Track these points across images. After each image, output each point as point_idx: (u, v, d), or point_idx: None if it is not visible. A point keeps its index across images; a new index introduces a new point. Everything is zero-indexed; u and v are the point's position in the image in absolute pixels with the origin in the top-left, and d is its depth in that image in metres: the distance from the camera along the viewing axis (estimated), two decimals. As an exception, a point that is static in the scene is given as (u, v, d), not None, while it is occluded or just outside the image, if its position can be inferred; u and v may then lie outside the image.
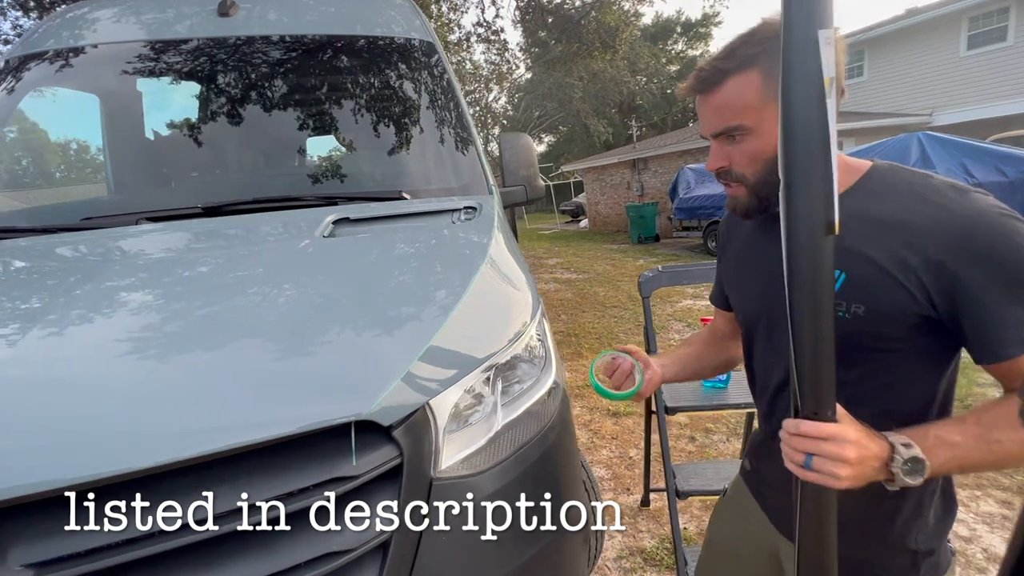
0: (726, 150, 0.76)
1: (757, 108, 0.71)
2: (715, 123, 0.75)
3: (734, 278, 0.93)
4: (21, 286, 1.08)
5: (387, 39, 2.01)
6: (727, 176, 0.78)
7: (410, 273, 1.14)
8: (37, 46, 1.91)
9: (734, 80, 0.71)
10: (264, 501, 0.72)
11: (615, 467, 2.71)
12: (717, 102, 0.74)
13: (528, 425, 1.02)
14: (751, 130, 0.72)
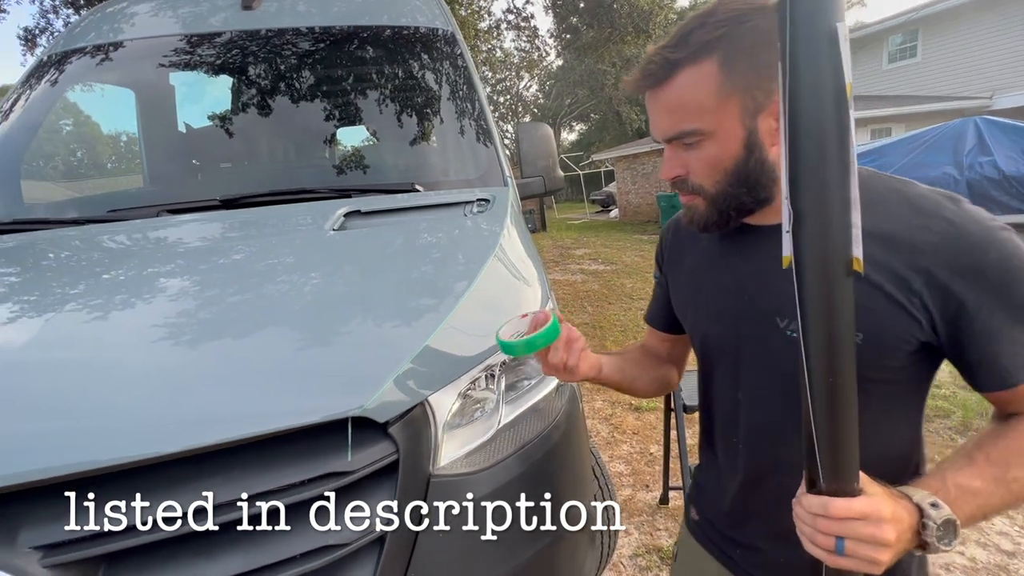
0: (681, 157, 0.66)
1: (714, 108, 0.61)
2: (665, 126, 0.65)
3: (688, 297, 0.81)
4: (48, 276, 1.12)
5: (411, 29, 2.00)
6: (683, 186, 0.68)
7: (415, 267, 1.13)
8: (77, 41, 1.98)
9: (687, 73, 0.60)
10: (260, 494, 0.73)
11: (635, 463, 2.67)
12: (668, 100, 0.63)
13: (532, 423, 1.00)
14: (709, 134, 0.62)
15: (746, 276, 0.70)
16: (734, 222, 0.68)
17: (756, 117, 0.61)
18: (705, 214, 0.68)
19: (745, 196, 0.64)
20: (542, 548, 0.93)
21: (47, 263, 1.20)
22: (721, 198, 0.66)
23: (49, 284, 1.07)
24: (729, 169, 0.63)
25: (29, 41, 9.17)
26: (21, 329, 0.90)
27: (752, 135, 0.61)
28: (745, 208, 0.66)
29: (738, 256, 0.72)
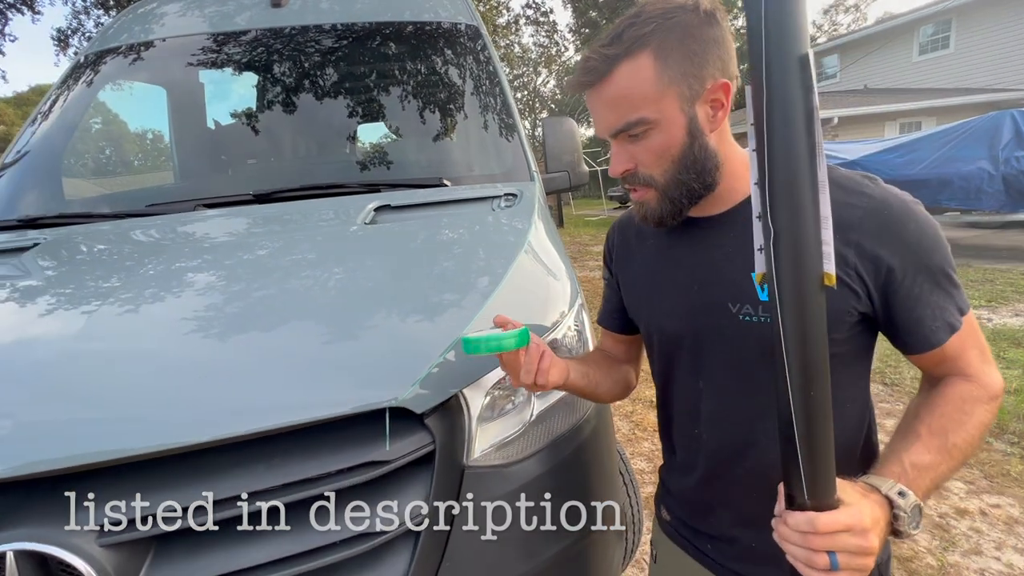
0: (629, 150, 0.68)
1: (655, 97, 0.63)
2: (611, 120, 0.66)
3: (642, 295, 0.81)
4: (89, 267, 1.16)
5: (434, 24, 2.00)
6: (634, 180, 0.70)
7: (447, 261, 1.14)
8: (111, 41, 2.04)
9: (625, 67, 0.63)
10: (301, 481, 0.75)
11: (656, 460, 2.66)
12: (609, 95, 0.65)
13: (563, 417, 1.00)
14: (653, 123, 0.64)
15: (695, 268, 0.72)
16: (686, 211, 0.70)
17: (693, 104, 0.64)
18: (658, 207, 0.70)
19: (694, 182, 0.67)
20: (574, 542, 0.94)
21: (93, 255, 1.24)
22: (672, 186, 0.68)
23: (96, 276, 1.10)
24: (676, 156, 0.66)
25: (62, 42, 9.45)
26: (75, 320, 0.93)
27: (692, 121, 0.64)
28: (695, 195, 0.68)
29: (685, 249, 0.74)
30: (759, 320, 0.66)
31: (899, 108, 11.13)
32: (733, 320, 0.68)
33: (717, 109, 0.65)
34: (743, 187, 0.70)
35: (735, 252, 0.68)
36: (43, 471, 0.70)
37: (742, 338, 0.68)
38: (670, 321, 0.76)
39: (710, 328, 0.71)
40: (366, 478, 0.77)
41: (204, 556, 0.72)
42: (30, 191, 1.66)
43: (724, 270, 0.69)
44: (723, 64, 0.64)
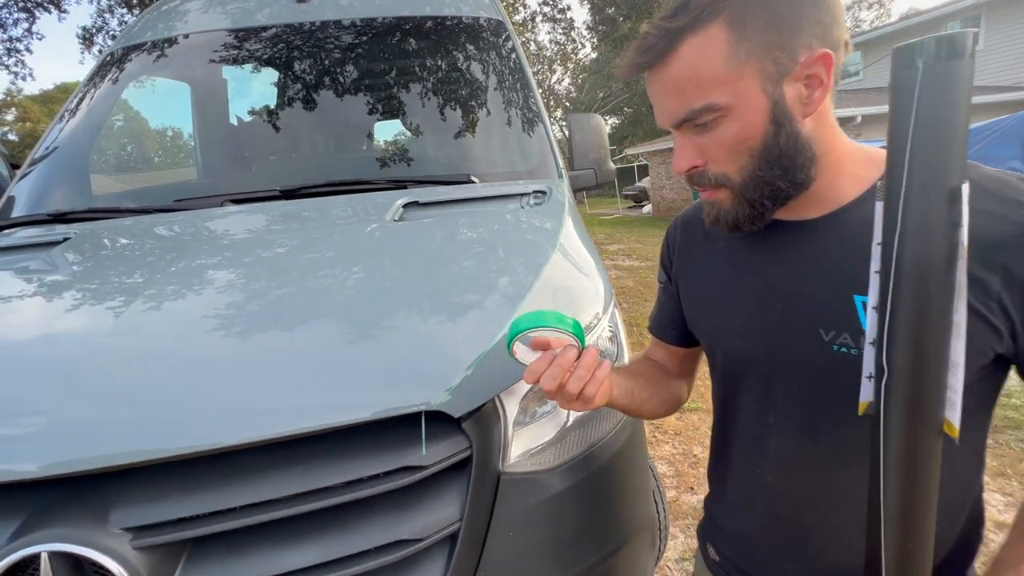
0: (696, 143, 0.56)
1: (728, 77, 0.51)
2: (673, 108, 0.55)
3: (709, 306, 0.69)
4: (119, 263, 1.16)
5: (455, 19, 1.98)
6: (702, 179, 0.58)
7: (480, 260, 1.11)
8: (136, 38, 2.04)
9: (691, 43, 0.52)
10: (337, 485, 0.73)
11: (678, 464, 2.61)
12: (671, 78, 0.53)
13: (599, 423, 0.97)
14: (727, 109, 0.52)
15: (779, 281, 0.60)
16: (769, 215, 0.58)
17: (781, 83, 0.52)
18: (733, 210, 0.58)
19: (780, 180, 0.55)
20: (611, 552, 0.91)
21: (124, 250, 1.24)
22: (751, 186, 0.56)
23: (129, 272, 1.10)
24: (756, 148, 0.54)
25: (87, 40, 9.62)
26: (107, 316, 0.92)
27: (779, 105, 0.52)
28: (781, 195, 0.56)
29: (767, 257, 0.62)
30: (859, 353, 0.53)
31: (925, 106, 10.84)
32: (824, 349, 0.56)
33: (814, 87, 0.52)
34: (849, 185, 0.57)
35: (834, 268, 0.56)
36: (77, 471, 0.69)
37: (832, 372, 0.56)
38: (741, 341, 0.64)
39: (792, 355, 0.59)
40: (402, 483, 0.75)
41: (238, 560, 0.70)
42: (59, 186, 1.67)
43: (818, 289, 0.57)
44: (823, 29, 0.51)
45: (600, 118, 1.94)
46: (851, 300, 0.54)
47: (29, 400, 0.76)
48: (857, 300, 0.54)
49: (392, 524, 0.75)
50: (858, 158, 0.58)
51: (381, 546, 0.73)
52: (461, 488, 0.80)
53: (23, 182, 1.66)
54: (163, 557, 0.68)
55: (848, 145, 0.58)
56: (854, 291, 0.54)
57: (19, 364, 0.84)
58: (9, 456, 0.70)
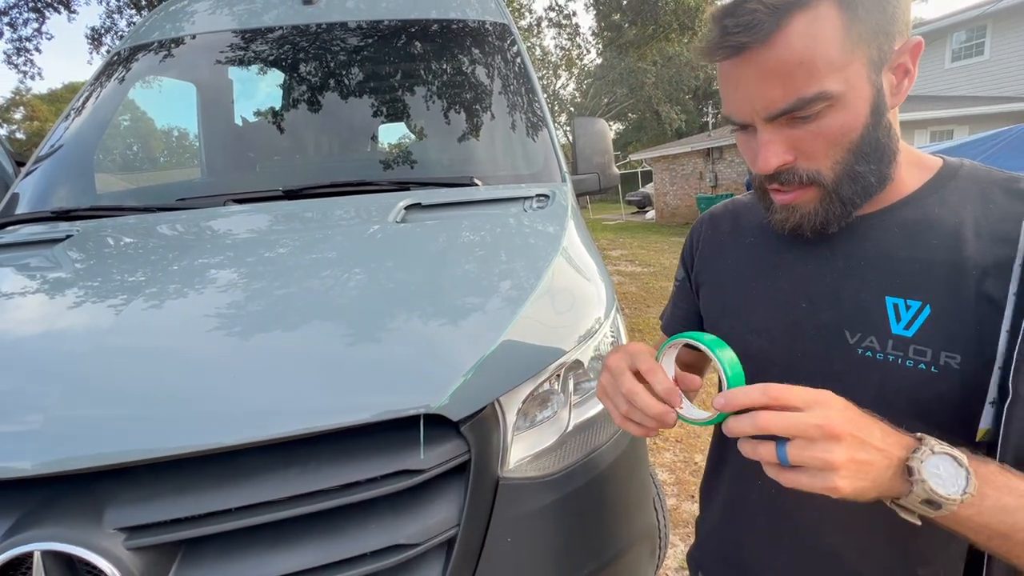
0: (789, 137, 0.50)
1: (841, 62, 0.47)
2: (777, 96, 0.48)
3: (729, 302, 0.66)
4: (121, 261, 1.16)
5: (461, 22, 1.98)
6: (789, 178, 0.52)
7: (480, 263, 1.10)
8: (143, 38, 2.05)
9: (800, 20, 0.46)
10: (334, 488, 0.72)
11: (679, 472, 2.59)
12: (779, 61, 0.47)
13: (600, 429, 0.96)
14: (836, 98, 0.47)
15: (807, 280, 0.57)
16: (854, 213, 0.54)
17: (880, 71, 0.49)
18: (822, 210, 0.53)
19: (872, 175, 0.52)
20: (610, 560, 0.90)
21: (125, 248, 1.24)
22: (845, 181, 0.51)
23: (129, 270, 1.10)
24: (855, 141, 0.50)
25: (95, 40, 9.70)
26: (106, 315, 0.92)
27: (879, 94, 0.49)
28: (870, 191, 0.53)
29: (796, 254, 0.58)
30: (885, 358, 0.51)
31: (930, 116, 10.83)
32: (849, 353, 0.53)
33: (902, 77, 0.50)
34: (901, 185, 0.54)
35: (869, 267, 0.53)
36: (72, 469, 0.68)
37: (857, 377, 0.53)
38: (758, 339, 0.60)
39: (814, 358, 0.56)
40: (400, 487, 0.74)
41: (233, 562, 0.70)
42: (63, 184, 1.67)
43: (849, 288, 0.54)
44: (907, 16, 0.49)
45: (604, 123, 1.94)
46: (883, 301, 0.52)
47: (25, 397, 0.76)
48: (888, 302, 0.52)
49: (389, 528, 0.74)
50: (910, 158, 0.56)
51: (377, 550, 0.72)
52: (459, 493, 0.79)
53: (27, 179, 1.66)
54: (157, 558, 0.67)
55: (901, 144, 0.55)
56: (887, 292, 0.52)
57: (17, 361, 0.84)
58: (3, 454, 0.69)
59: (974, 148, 6.61)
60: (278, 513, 0.70)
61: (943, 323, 0.49)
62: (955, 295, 0.49)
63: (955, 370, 0.48)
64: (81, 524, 0.65)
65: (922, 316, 0.50)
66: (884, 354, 0.51)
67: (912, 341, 0.50)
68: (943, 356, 0.49)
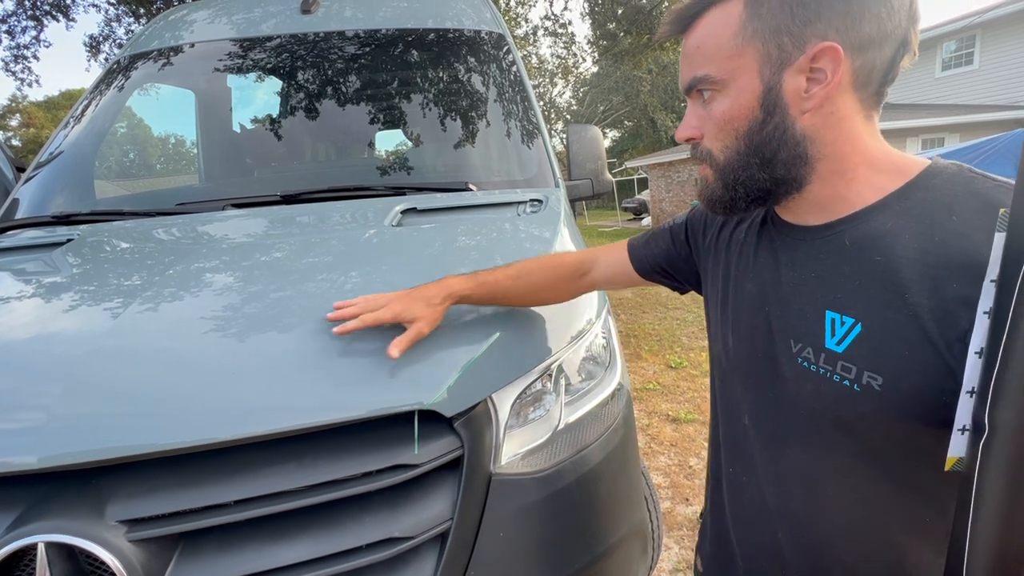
0: (699, 114, 0.56)
1: (729, 52, 0.51)
2: (684, 73, 0.56)
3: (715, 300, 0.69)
4: (120, 265, 1.18)
5: (457, 31, 2.02)
6: (696, 152, 0.58)
7: (476, 266, 1.13)
8: (143, 47, 2.08)
9: (713, 13, 0.52)
10: (329, 483, 0.74)
11: (673, 475, 2.61)
12: (689, 45, 0.55)
13: (591, 427, 0.98)
14: (718, 83, 0.52)
15: (768, 286, 0.59)
16: (742, 206, 0.56)
17: (782, 71, 0.50)
18: (710, 189, 0.58)
19: (757, 170, 0.53)
20: (601, 555, 0.92)
21: (125, 252, 1.26)
22: (729, 168, 0.54)
23: (129, 273, 1.12)
24: (741, 131, 0.52)
25: (93, 48, 9.72)
26: (107, 316, 0.94)
27: (772, 92, 0.50)
28: (756, 187, 0.54)
29: (766, 259, 0.61)
30: (818, 370, 0.52)
31: (922, 124, 10.98)
32: (791, 360, 0.55)
33: (816, 83, 0.49)
34: (858, 195, 0.52)
35: (816, 280, 0.54)
36: (74, 463, 0.70)
37: (797, 384, 0.55)
38: (733, 336, 0.64)
39: (768, 359, 0.58)
40: (394, 481, 0.76)
41: (231, 554, 0.71)
42: (63, 189, 1.69)
43: (795, 298, 0.56)
44: (848, 22, 0.47)
45: (598, 130, 1.97)
46: (822, 314, 0.52)
47: (29, 396, 0.78)
48: (828, 316, 0.52)
49: (383, 522, 0.76)
50: (879, 166, 0.52)
51: (372, 543, 0.74)
52: (452, 488, 0.81)
53: (28, 185, 1.68)
54: (157, 550, 0.69)
55: (870, 151, 0.52)
56: (827, 306, 0.52)
57: (19, 361, 0.85)
58: (8, 449, 0.71)
59: (964, 156, 6.71)
60: (275, 507, 0.72)
61: (871, 343, 0.49)
62: (886, 315, 0.48)
63: (875, 391, 0.48)
64: (83, 517, 0.67)
65: (853, 333, 0.50)
66: (817, 366, 0.53)
67: (841, 357, 0.50)
68: (865, 375, 0.49)
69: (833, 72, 0.48)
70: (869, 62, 0.49)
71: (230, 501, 0.71)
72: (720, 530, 0.69)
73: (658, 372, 3.95)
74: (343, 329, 0.80)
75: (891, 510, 0.52)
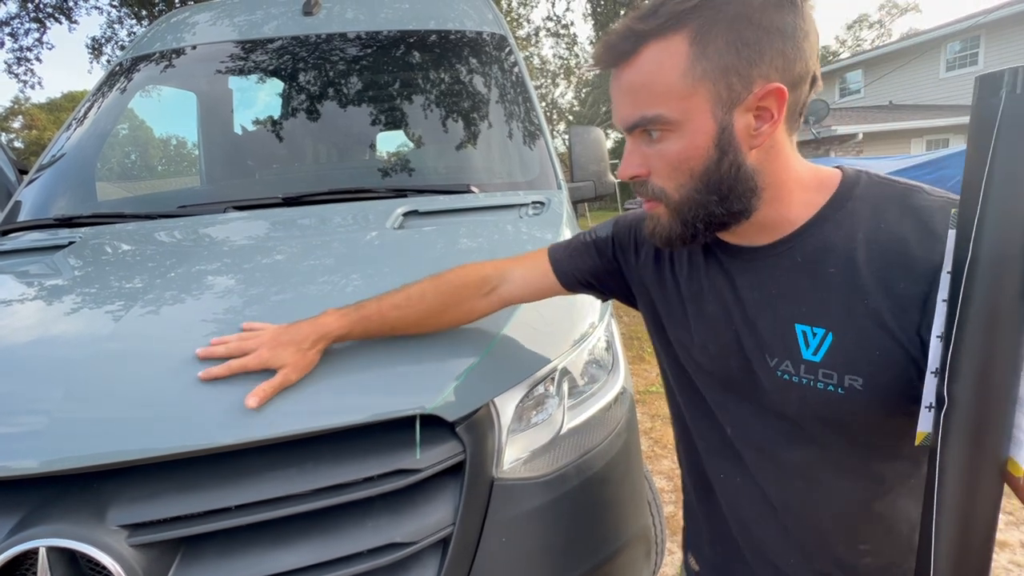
0: (644, 152, 0.56)
1: (681, 92, 0.51)
2: (625, 112, 0.55)
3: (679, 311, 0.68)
4: (121, 267, 1.18)
5: (459, 33, 2.02)
6: (643, 189, 0.58)
7: (477, 267, 1.12)
8: (145, 49, 2.09)
9: (652, 49, 0.51)
10: (331, 487, 0.74)
11: (677, 479, 2.60)
12: (629, 81, 0.53)
13: (594, 431, 0.98)
14: (672, 124, 0.52)
15: (733, 307, 0.61)
16: (701, 238, 0.59)
17: (732, 110, 0.51)
18: (667, 226, 0.58)
19: (715, 206, 0.55)
20: (604, 560, 0.91)
21: (127, 254, 1.26)
22: (686, 206, 0.56)
23: (131, 275, 1.11)
24: (697, 171, 0.53)
25: (95, 50, 9.77)
26: (109, 319, 0.94)
27: (725, 132, 0.52)
28: (715, 221, 0.56)
29: (721, 280, 0.62)
30: (800, 380, 0.56)
31: (926, 124, 10.96)
32: (770, 373, 0.58)
33: (764, 120, 0.52)
34: (798, 212, 0.56)
35: (778, 297, 0.57)
36: (75, 467, 0.70)
37: (780, 394, 0.58)
38: (702, 354, 0.65)
39: (745, 373, 0.61)
40: (396, 486, 0.75)
41: (232, 559, 0.71)
42: (65, 191, 1.69)
43: (761, 317, 0.59)
44: (785, 62, 0.50)
45: (600, 131, 1.97)
46: (792, 329, 0.56)
47: (30, 399, 0.78)
48: (798, 329, 0.55)
49: (385, 527, 0.75)
50: (808, 184, 0.57)
51: (374, 548, 0.74)
52: (454, 493, 0.80)
53: (30, 187, 1.68)
54: (158, 555, 0.69)
55: (799, 172, 0.57)
56: (795, 320, 0.56)
57: (21, 364, 0.85)
58: (10, 453, 0.71)
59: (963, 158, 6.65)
60: (276, 511, 0.72)
61: (844, 348, 0.53)
62: (852, 321, 0.52)
63: (859, 391, 0.52)
64: (85, 521, 0.67)
65: (826, 343, 0.53)
66: (799, 377, 0.56)
67: (820, 365, 0.54)
68: (847, 379, 0.52)
69: (778, 110, 0.51)
70: (799, 97, 0.53)
71: (231, 506, 0.71)
72: (721, 533, 0.71)
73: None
74: (207, 375, 0.75)
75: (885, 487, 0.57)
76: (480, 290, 0.85)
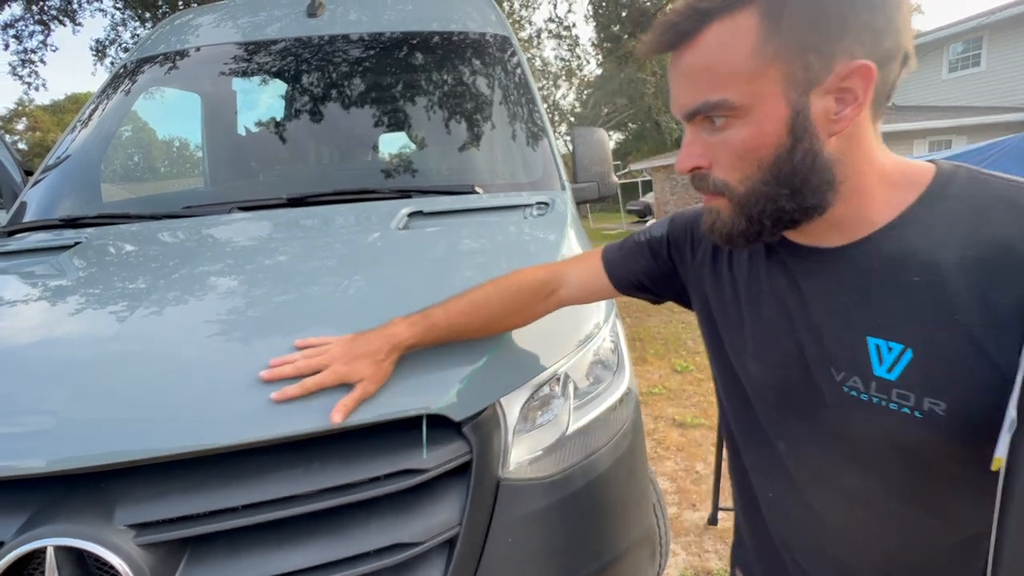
0: (705, 141, 0.51)
1: (748, 74, 0.45)
2: (687, 98, 0.49)
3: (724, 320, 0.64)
4: (126, 268, 1.18)
5: (462, 34, 2.02)
6: (703, 183, 0.52)
7: (482, 269, 1.12)
8: (149, 51, 2.09)
9: (718, 28, 0.46)
10: (337, 487, 0.74)
11: (680, 480, 2.59)
12: (692, 63, 0.48)
13: (599, 432, 0.97)
14: (738, 109, 0.47)
15: (796, 313, 0.55)
16: (768, 236, 0.52)
17: (808, 92, 0.45)
18: (729, 222, 0.52)
19: (786, 201, 0.49)
20: (610, 562, 0.91)
21: (133, 255, 1.26)
22: (752, 200, 0.50)
23: (137, 276, 1.12)
24: (766, 160, 0.48)
25: (99, 52, 9.80)
26: (115, 319, 0.94)
27: (800, 116, 0.46)
28: (785, 217, 0.50)
29: (783, 283, 0.56)
30: (870, 399, 0.49)
31: (929, 126, 10.93)
32: (835, 388, 0.52)
33: (846, 103, 0.46)
34: (878, 212, 0.50)
35: (850, 306, 0.51)
36: (82, 467, 0.70)
37: (845, 411, 0.52)
38: (756, 363, 0.59)
39: (807, 386, 0.55)
40: (402, 486, 0.75)
41: (239, 559, 0.71)
42: (70, 192, 1.70)
43: (828, 326, 0.52)
44: (874, 36, 0.44)
45: (603, 132, 1.97)
46: (863, 342, 0.49)
47: (37, 399, 0.78)
48: (870, 343, 0.49)
49: (391, 527, 0.75)
50: (894, 179, 0.50)
51: (380, 549, 0.74)
52: (461, 493, 0.80)
53: (36, 188, 1.69)
54: (165, 554, 0.69)
55: (883, 165, 0.50)
56: (868, 333, 0.49)
57: (28, 365, 0.86)
58: (17, 453, 0.71)
59: (972, 158, 6.67)
60: (283, 511, 0.71)
61: (926, 368, 0.46)
62: (937, 338, 0.45)
63: (940, 416, 0.45)
64: (92, 521, 0.67)
65: (904, 359, 0.47)
66: (868, 395, 0.50)
67: (895, 385, 0.48)
68: (927, 402, 0.46)
69: (864, 92, 0.45)
70: (887, 77, 0.46)
71: (238, 505, 0.71)
72: (769, 552, 0.66)
73: (664, 376, 3.93)
74: (282, 396, 0.72)
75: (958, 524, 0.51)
76: (540, 294, 0.84)
